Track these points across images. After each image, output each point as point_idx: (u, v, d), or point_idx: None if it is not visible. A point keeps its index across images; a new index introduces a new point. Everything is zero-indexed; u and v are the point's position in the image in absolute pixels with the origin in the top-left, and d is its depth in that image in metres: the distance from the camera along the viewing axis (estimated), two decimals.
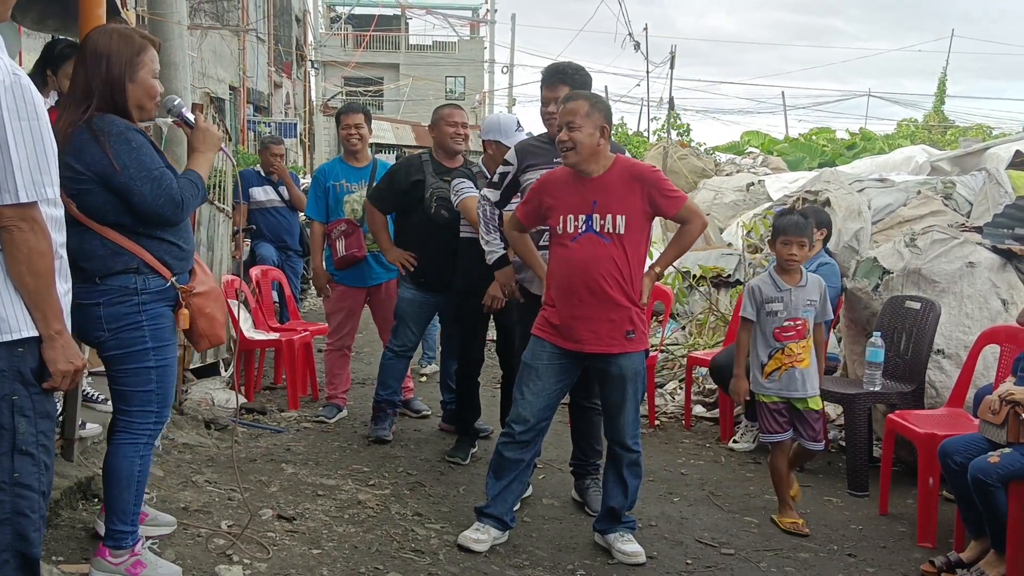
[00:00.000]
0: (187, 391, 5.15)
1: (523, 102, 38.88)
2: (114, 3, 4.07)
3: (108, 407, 3.35)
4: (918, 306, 4.81)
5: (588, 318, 3.55)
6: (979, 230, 5.88)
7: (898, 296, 5.04)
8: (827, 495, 4.54)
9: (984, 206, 6.89)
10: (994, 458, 3.37)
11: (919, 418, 4.30)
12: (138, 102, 2.77)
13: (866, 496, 4.53)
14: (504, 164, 4.15)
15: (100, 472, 3.05)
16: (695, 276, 7.55)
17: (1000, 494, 3.33)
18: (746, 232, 7.96)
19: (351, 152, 5.53)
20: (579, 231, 3.55)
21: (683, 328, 7.51)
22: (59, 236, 2.24)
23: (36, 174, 2.08)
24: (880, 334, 4.66)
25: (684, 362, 6.31)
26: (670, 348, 6.99)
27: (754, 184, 10.54)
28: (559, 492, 4.40)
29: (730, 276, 7.63)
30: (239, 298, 5.72)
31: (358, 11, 36.70)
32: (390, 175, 5.06)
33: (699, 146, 16.92)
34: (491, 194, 4.16)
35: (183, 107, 3.03)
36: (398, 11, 37.98)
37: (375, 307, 5.56)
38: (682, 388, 6.23)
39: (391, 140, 26.95)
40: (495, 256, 4.15)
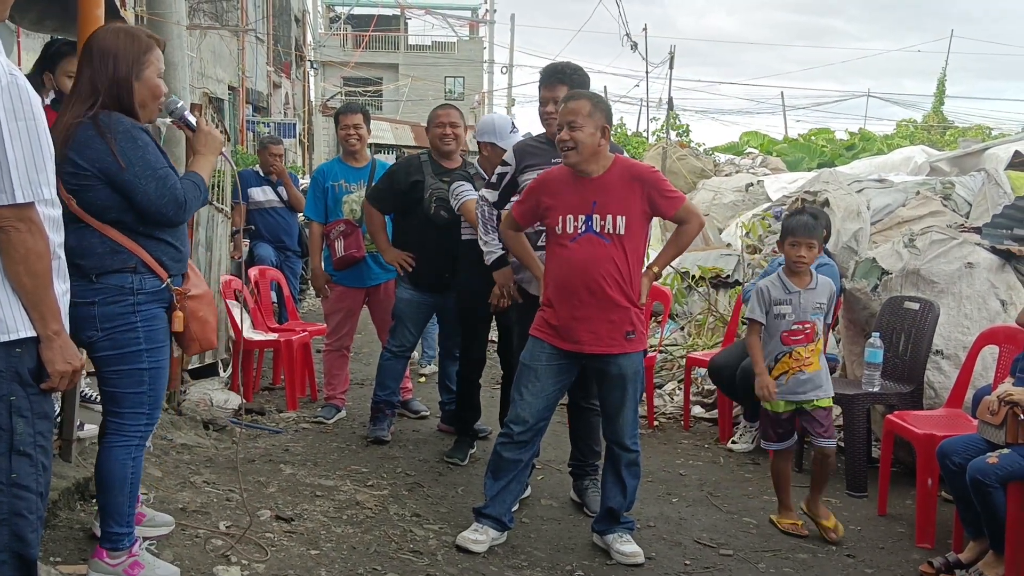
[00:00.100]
0: (185, 391, 5.14)
1: (522, 102, 39.02)
2: (113, 3, 4.07)
3: None
4: (917, 307, 4.81)
5: (587, 319, 3.54)
6: (978, 231, 5.88)
7: (897, 297, 5.04)
8: (826, 496, 4.51)
9: (983, 207, 6.90)
10: (992, 459, 3.37)
11: (918, 419, 4.30)
12: (143, 101, 2.77)
13: (865, 497, 4.53)
14: (502, 164, 4.15)
15: None
16: (694, 277, 7.55)
17: (998, 495, 3.33)
18: (745, 232, 7.96)
19: (350, 152, 5.53)
20: (579, 231, 3.53)
21: (682, 329, 7.51)
22: (57, 236, 2.24)
23: (33, 174, 2.08)
24: (879, 335, 4.66)
25: (683, 363, 6.31)
26: (669, 349, 6.99)
27: (753, 185, 10.54)
28: (557, 493, 4.39)
29: (729, 277, 7.63)
30: (238, 299, 5.72)
31: (357, 11, 36.71)
32: (389, 175, 5.06)
33: (698, 146, 16.92)
34: (489, 194, 4.16)
35: (185, 109, 3.03)
36: (397, 11, 37.98)
37: (374, 308, 5.56)
38: (681, 389, 6.23)
39: (390, 140, 26.93)
40: (493, 256, 4.15)
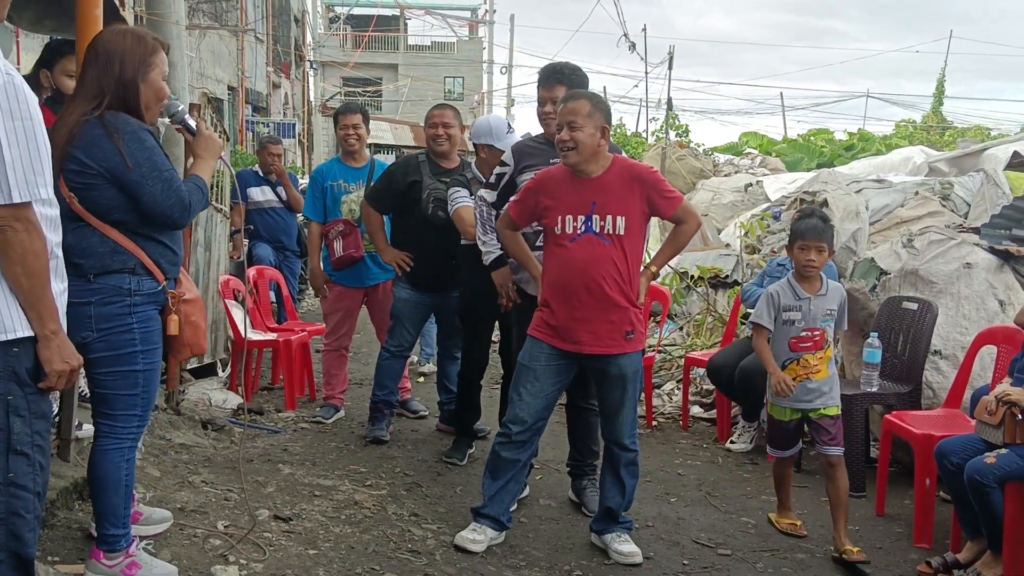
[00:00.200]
0: (184, 391, 5.14)
1: (522, 102, 38.99)
2: (112, 3, 4.07)
3: None
4: (915, 307, 4.81)
5: (587, 319, 3.53)
6: (976, 231, 5.89)
7: (895, 297, 5.04)
8: (823, 496, 4.52)
9: (982, 207, 6.90)
10: (990, 459, 3.37)
11: (916, 419, 4.30)
12: (147, 103, 2.77)
13: (863, 497, 4.53)
14: (501, 165, 4.15)
15: None
16: (693, 277, 7.55)
17: (996, 495, 3.34)
18: (744, 233, 7.96)
19: (349, 152, 5.54)
20: (578, 232, 3.53)
21: (681, 329, 7.51)
22: (54, 236, 2.24)
23: (29, 174, 2.08)
24: (877, 335, 4.66)
25: (682, 363, 6.31)
26: (668, 349, 6.99)
27: (752, 185, 10.53)
28: (556, 493, 4.40)
29: (728, 277, 7.62)
30: (237, 299, 5.72)
31: (357, 11, 36.71)
32: (387, 176, 5.06)
33: (697, 147, 16.91)
34: (488, 195, 4.15)
35: (185, 113, 3.03)
36: (397, 11, 38.00)
37: (372, 307, 5.56)
38: (679, 389, 6.23)
39: (390, 140, 26.92)
40: (492, 256, 4.14)
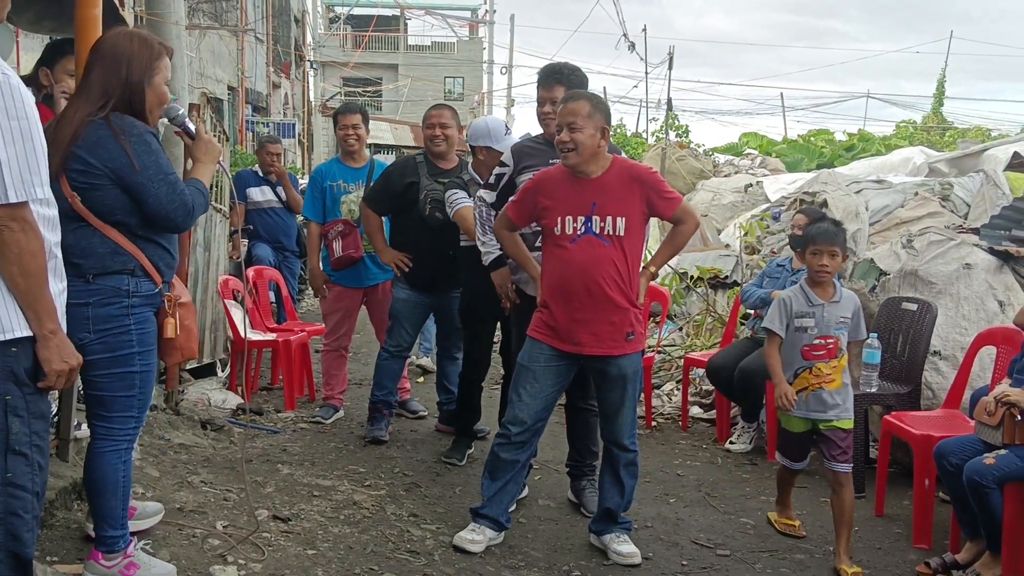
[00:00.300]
0: (183, 391, 5.14)
1: (522, 103, 38.93)
2: (111, 3, 4.06)
3: None
4: (915, 307, 4.81)
5: (588, 320, 3.53)
6: (976, 231, 5.89)
7: (895, 297, 5.04)
8: (823, 496, 4.53)
9: (982, 207, 6.90)
10: (989, 460, 3.37)
11: (915, 419, 4.30)
12: (150, 107, 2.78)
13: (862, 497, 4.52)
14: (500, 165, 4.14)
15: None
16: (692, 277, 7.55)
17: (995, 496, 3.34)
18: (743, 233, 7.96)
19: (348, 152, 5.53)
20: (578, 233, 3.52)
21: (680, 329, 7.51)
22: (53, 235, 2.24)
23: (26, 174, 2.07)
24: (877, 335, 4.65)
25: (681, 363, 6.31)
26: (667, 349, 6.99)
27: (752, 185, 10.53)
28: (555, 493, 4.40)
29: (727, 277, 7.62)
30: (236, 299, 5.72)
31: (357, 11, 36.70)
32: (385, 177, 5.06)
33: (697, 147, 16.90)
34: (487, 195, 4.15)
35: (185, 117, 3.04)
36: (397, 12, 38.00)
37: (372, 308, 5.56)
38: (679, 389, 6.23)
39: (390, 141, 26.92)
40: (491, 257, 4.14)
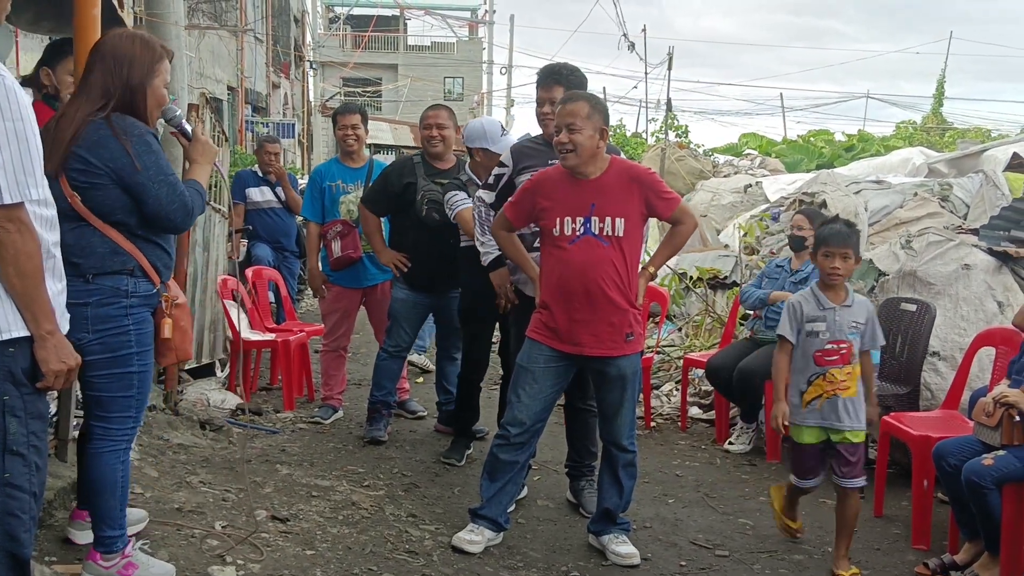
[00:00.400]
0: (182, 391, 5.14)
1: (521, 103, 39.01)
2: (110, 4, 4.06)
3: None
4: (914, 308, 4.82)
5: (588, 321, 3.52)
6: (975, 232, 5.89)
7: (894, 298, 5.04)
8: (821, 496, 4.52)
9: (981, 208, 6.91)
10: (988, 460, 3.37)
11: (914, 420, 4.30)
12: (150, 109, 2.78)
13: (861, 498, 4.51)
14: (499, 166, 4.14)
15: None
16: (692, 278, 7.55)
17: (994, 496, 3.34)
18: (743, 234, 7.97)
19: (347, 153, 5.53)
20: (577, 234, 3.51)
21: (679, 330, 7.51)
22: (51, 235, 2.23)
23: (20, 175, 2.07)
24: None
25: (680, 364, 6.31)
26: (666, 350, 6.99)
27: (752, 186, 10.53)
28: (554, 493, 4.40)
29: (726, 278, 7.63)
30: (235, 298, 5.71)
31: (357, 11, 36.73)
32: (383, 178, 5.05)
33: (697, 147, 16.92)
34: (486, 196, 4.15)
35: (183, 118, 3.04)
36: (397, 12, 38.02)
37: (371, 308, 5.56)
38: (678, 390, 6.23)
39: (389, 141, 26.90)
40: (490, 257, 4.13)
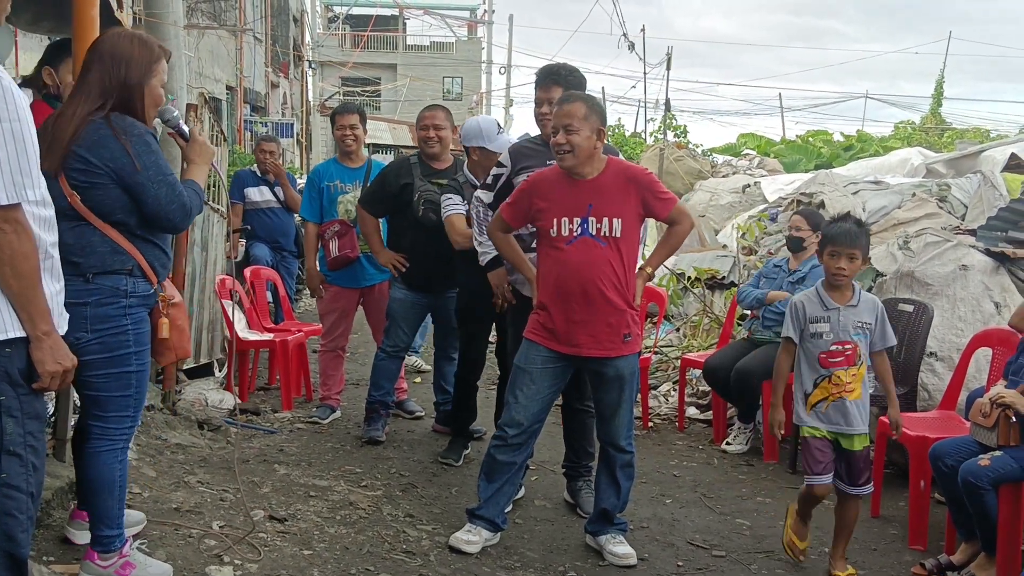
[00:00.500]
0: (180, 391, 5.14)
1: (520, 103, 39.04)
2: (108, 4, 4.06)
3: None
4: (911, 309, 4.82)
5: (585, 322, 3.52)
6: (973, 233, 5.89)
7: (891, 298, 5.04)
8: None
9: (979, 209, 6.91)
10: (984, 461, 3.38)
11: (911, 421, 4.29)
12: (147, 108, 2.78)
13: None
14: (498, 166, 4.14)
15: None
16: (690, 278, 7.55)
17: (990, 497, 3.35)
18: (741, 234, 7.97)
19: (346, 153, 5.54)
20: (574, 234, 3.51)
21: (677, 330, 7.52)
22: (49, 235, 2.24)
23: (17, 176, 2.07)
24: None
25: (678, 364, 6.31)
26: (664, 350, 6.99)
27: (750, 186, 10.53)
28: (551, 494, 4.40)
29: (724, 278, 7.63)
30: (233, 298, 5.72)
31: (356, 11, 36.72)
32: (380, 179, 5.06)
33: (696, 147, 16.89)
34: (484, 196, 4.15)
35: (180, 119, 3.04)
36: (396, 11, 37.99)
37: (368, 308, 5.56)
38: (676, 390, 6.23)
39: (388, 141, 26.91)
40: (488, 257, 4.13)
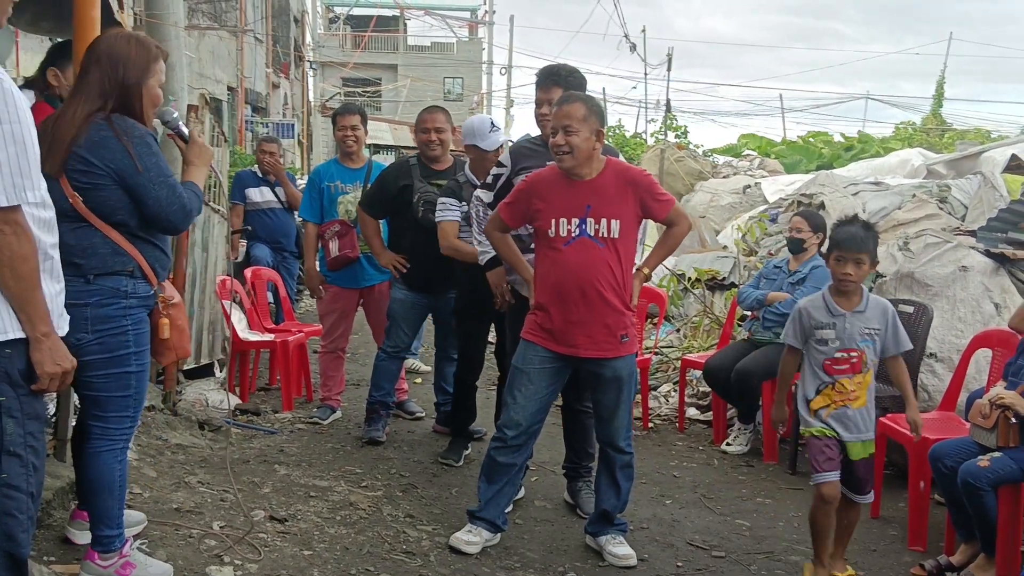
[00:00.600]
0: (181, 392, 5.15)
1: (521, 103, 39.03)
2: (108, 5, 4.07)
3: None
4: (911, 310, 4.82)
5: (583, 323, 3.52)
6: (973, 234, 5.89)
7: (891, 299, 5.03)
8: None
9: (979, 210, 6.91)
10: (984, 462, 3.38)
11: None
12: (145, 109, 2.78)
13: None
14: (498, 166, 4.15)
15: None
16: (690, 279, 7.56)
17: (990, 498, 3.35)
18: (741, 235, 7.97)
19: (347, 153, 5.54)
20: (572, 235, 3.51)
21: (677, 331, 7.52)
22: (49, 237, 2.24)
23: (17, 177, 2.07)
24: None
25: (678, 365, 6.31)
26: (664, 351, 6.99)
27: (750, 187, 10.53)
28: (551, 494, 4.40)
29: (725, 279, 7.63)
30: (234, 299, 5.72)
31: (356, 12, 36.76)
32: (380, 180, 5.06)
33: (696, 148, 16.88)
34: (484, 195, 4.15)
35: (180, 120, 3.05)
36: (396, 12, 38.02)
37: (368, 309, 5.56)
38: (676, 391, 6.24)
39: (389, 141, 26.88)
40: (487, 257, 4.14)
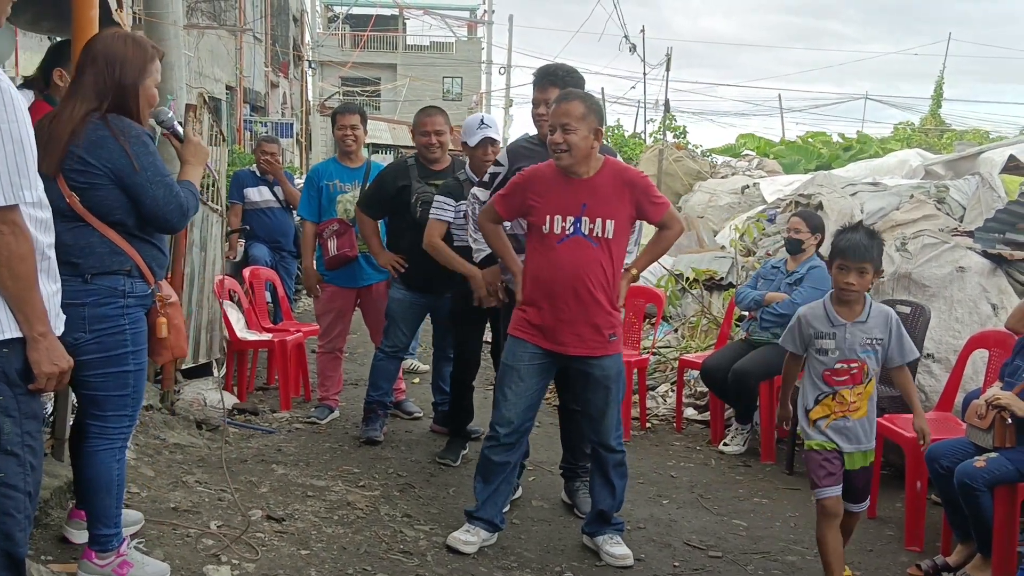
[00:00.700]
0: (179, 391, 5.15)
1: (520, 103, 39.00)
2: (107, 4, 4.07)
3: None
4: (908, 310, 4.83)
5: (572, 321, 3.53)
6: (971, 234, 5.90)
7: (888, 300, 5.05)
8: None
9: (977, 210, 6.92)
10: (980, 462, 3.39)
11: (907, 422, 4.28)
12: (141, 109, 2.79)
13: None
14: (495, 164, 4.16)
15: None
16: (688, 279, 7.56)
17: (986, 498, 3.35)
18: (739, 235, 7.98)
19: (346, 153, 5.54)
20: (567, 233, 3.50)
21: (675, 331, 7.52)
22: (46, 237, 2.24)
23: (15, 177, 2.08)
24: None
25: (676, 365, 6.32)
26: (662, 351, 7.00)
27: (749, 187, 10.55)
28: (548, 494, 4.41)
29: (723, 279, 7.64)
30: (232, 298, 5.72)
31: (356, 11, 36.72)
32: (378, 181, 5.06)
33: (695, 148, 16.91)
34: (481, 194, 4.16)
35: (175, 120, 3.06)
36: (396, 11, 37.99)
37: (366, 308, 5.56)
38: (673, 391, 6.24)
39: (388, 140, 26.92)
40: (482, 255, 4.15)
